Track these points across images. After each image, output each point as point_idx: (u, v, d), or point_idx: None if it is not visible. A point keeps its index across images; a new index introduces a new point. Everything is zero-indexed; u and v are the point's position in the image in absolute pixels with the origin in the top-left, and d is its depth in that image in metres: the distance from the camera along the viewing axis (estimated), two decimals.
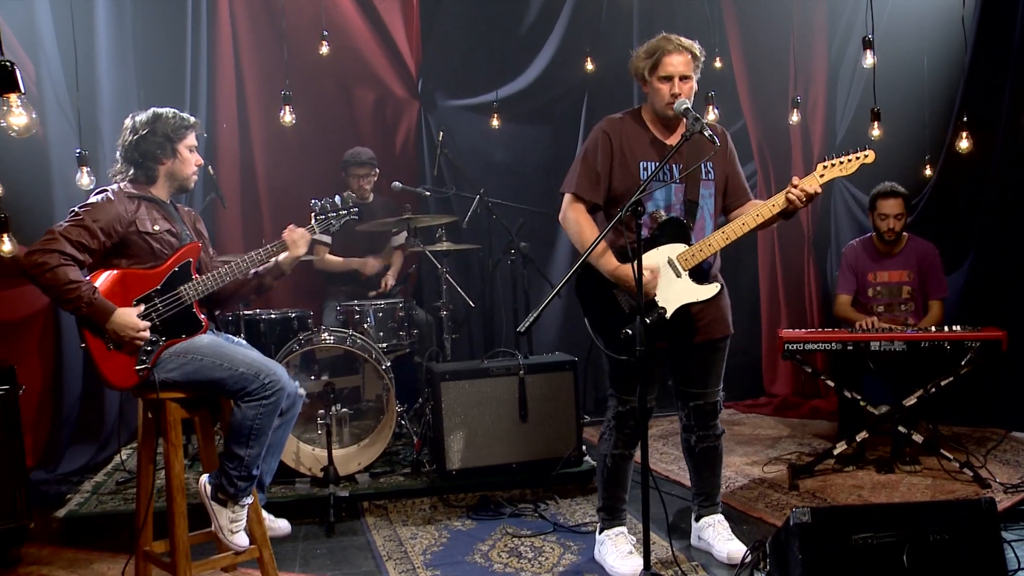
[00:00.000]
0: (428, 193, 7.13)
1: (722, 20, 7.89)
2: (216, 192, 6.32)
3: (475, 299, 6.58)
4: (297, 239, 4.33)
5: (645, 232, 4.08)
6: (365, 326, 6.26)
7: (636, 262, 3.63)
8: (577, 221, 4.21)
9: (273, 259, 4.33)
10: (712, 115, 6.93)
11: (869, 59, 5.81)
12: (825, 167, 4.03)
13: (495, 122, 7.56)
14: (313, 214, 4.52)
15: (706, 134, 3.86)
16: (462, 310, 6.79)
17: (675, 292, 4.06)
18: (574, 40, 7.88)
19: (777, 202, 4.01)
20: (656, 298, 4.02)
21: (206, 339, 4.05)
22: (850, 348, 5.52)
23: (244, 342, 4.44)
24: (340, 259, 6.98)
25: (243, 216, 7.26)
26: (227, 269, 4.14)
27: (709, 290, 4.11)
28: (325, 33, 6.71)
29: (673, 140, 4.21)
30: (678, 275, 4.08)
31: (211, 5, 7.05)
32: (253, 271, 4.33)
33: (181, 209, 4.37)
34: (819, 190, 3.97)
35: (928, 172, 6.97)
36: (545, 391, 5.66)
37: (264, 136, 7.25)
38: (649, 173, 4.09)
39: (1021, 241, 6.67)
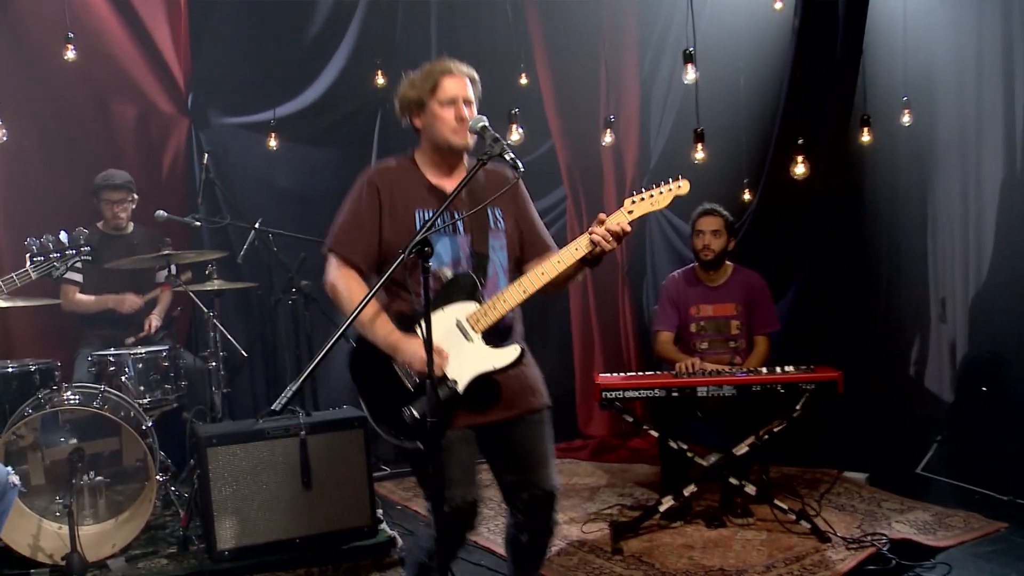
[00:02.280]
0: (199, 223, 6.21)
1: (527, 33, 7.29)
2: None
3: (255, 345, 5.74)
4: None
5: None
6: (123, 379, 5.40)
7: (425, 321, 2.93)
8: (348, 288, 3.43)
9: None
10: (517, 135, 6.35)
11: (691, 74, 5.39)
12: (634, 202, 3.37)
13: (273, 143, 6.76)
14: (29, 256, 3.64)
15: (507, 157, 3.18)
16: (238, 358, 5.94)
17: (468, 360, 3.31)
18: (366, 53, 7.16)
19: (580, 244, 3.32)
20: (446, 370, 3.27)
21: None
22: (675, 394, 4.97)
23: None
24: (91, 298, 6.05)
25: None
26: None
27: (507, 354, 3.36)
28: (71, 35, 5.75)
29: (452, 185, 3.48)
30: (469, 339, 3.34)
31: None
32: None
33: None
34: (627, 228, 3.30)
35: (747, 196, 6.61)
36: (331, 453, 4.91)
37: (1, 155, 6.16)
38: (427, 220, 3.37)
39: (844, 269, 6.40)
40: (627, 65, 7.35)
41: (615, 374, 5.38)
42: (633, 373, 5.63)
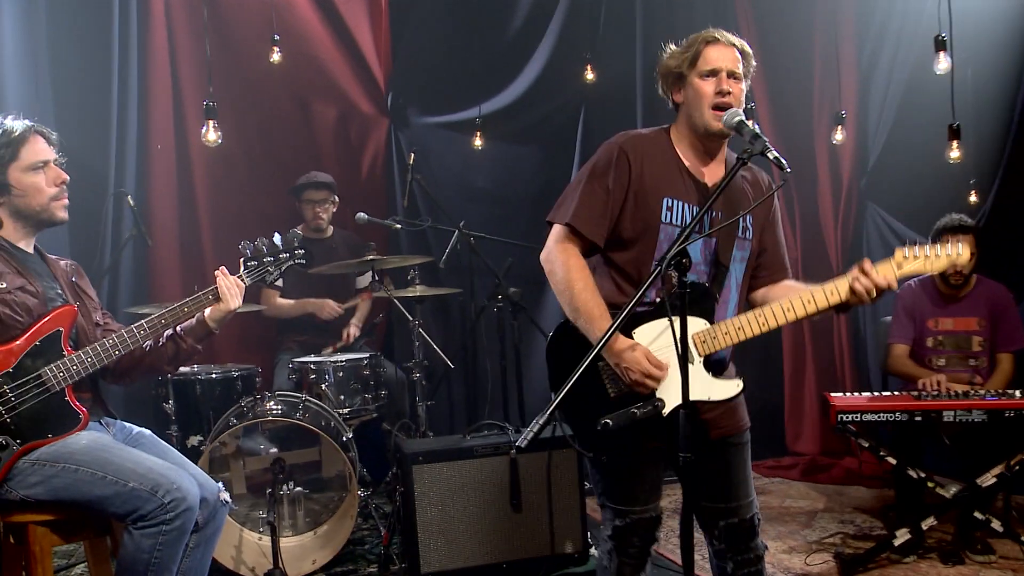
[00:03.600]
0: (399, 226, 6.01)
1: (736, 24, 6.87)
2: (138, 227, 5.27)
3: (456, 354, 5.52)
4: (233, 285, 3.31)
5: (652, 295, 2.98)
6: (323, 387, 5.23)
7: (681, 343, 2.61)
8: (567, 265, 3.05)
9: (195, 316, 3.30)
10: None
11: (943, 63, 4.89)
12: (906, 256, 2.95)
13: (478, 142, 6.53)
14: (243, 260, 3.49)
15: (770, 156, 2.78)
16: (440, 368, 5.73)
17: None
18: (569, 47, 6.85)
19: (839, 289, 2.91)
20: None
21: (84, 439, 3.00)
22: (918, 418, 4.50)
23: (149, 433, 3.40)
24: (292, 302, 5.99)
25: (182, 254, 6.15)
26: (117, 339, 3.09)
27: (727, 388, 3.00)
28: (276, 37, 5.69)
29: (710, 174, 3.12)
30: (689, 360, 2.95)
31: (142, 2, 5.99)
32: (168, 333, 3.28)
33: (52, 260, 3.31)
34: (894, 286, 2.91)
35: (974, 198, 6.04)
36: (542, 473, 4.61)
37: (206, 158, 6.13)
38: (675, 215, 3.02)
39: None
40: (844, 58, 6.86)
41: (850, 394, 4.84)
42: (870, 394, 5.07)
